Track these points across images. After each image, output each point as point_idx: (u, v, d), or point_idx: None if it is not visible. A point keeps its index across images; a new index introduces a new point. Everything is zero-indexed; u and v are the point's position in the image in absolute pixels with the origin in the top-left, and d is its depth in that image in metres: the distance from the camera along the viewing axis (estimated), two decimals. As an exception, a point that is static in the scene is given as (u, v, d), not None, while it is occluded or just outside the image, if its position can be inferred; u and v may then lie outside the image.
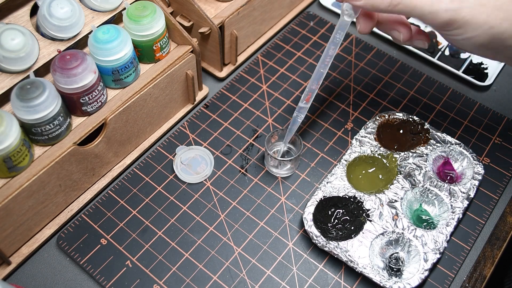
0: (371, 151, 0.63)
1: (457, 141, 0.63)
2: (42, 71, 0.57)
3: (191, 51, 0.64)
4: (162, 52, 0.62)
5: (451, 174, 0.62)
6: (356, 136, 0.65)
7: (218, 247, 0.58)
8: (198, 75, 0.67)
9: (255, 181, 0.63)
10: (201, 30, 0.67)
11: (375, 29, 0.78)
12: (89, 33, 0.58)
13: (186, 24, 0.67)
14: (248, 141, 0.67)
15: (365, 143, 0.64)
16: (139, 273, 0.56)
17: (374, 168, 0.62)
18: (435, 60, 0.75)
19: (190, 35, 0.66)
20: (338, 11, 0.81)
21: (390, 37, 0.77)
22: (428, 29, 0.79)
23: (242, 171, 0.64)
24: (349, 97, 0.71)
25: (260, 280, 0.56)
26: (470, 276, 0.57)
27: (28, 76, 0.54)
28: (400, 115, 0.66)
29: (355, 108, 0.70)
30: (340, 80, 0.73)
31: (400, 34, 0.54)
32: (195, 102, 0.70)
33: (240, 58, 0.74)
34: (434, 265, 0.56)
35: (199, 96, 0.70)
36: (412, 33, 0.55)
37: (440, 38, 0.78)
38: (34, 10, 0.56)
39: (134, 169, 0.64)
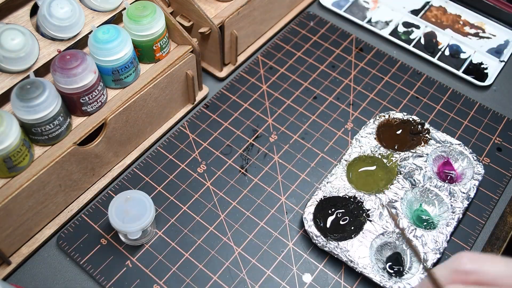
0: (371, 151, 0.63)
1: (457, 141, 0.63)
2: (42, 71, 0.57)
3: (191, 51, 0.64)
4: (162, 52, 0.62)
5: (451, 174, 0.62)
6: (356, 136, 0.65)
7: (218, 247, 0.58)
8: (198, 75, 0.67)
9: (255, 181, 0.63)
10: (201, 30, 0.67)
11: (372, 28, 0.78)
12: (89, 33, 0.58)
13: (186, 24, 0.67)
14: (248, 141, 0.67)
15: (365, 143, 0.64)
16: (139, 273, 0.56)
17: (374, 168, 0.62)
18: (435, 60, 0.75)
19: (190, 35, 0.66)
20: (338, 11, 0.81)
21: (391, 37, 0.77)
22: (428, 29, 0.79)
23: (242, 171, 0.64)
24: (349, 97, 0.71)
25: (260, 280, 0.56)
26: (470, 276, 0.57)
27: (28, 76, 0.54)
28: (400, 115, 0.66)
29: (355, 108, 0.70)
30: (340, 80, 0.73)
31: None
32: (195, 102, 0.70)
33: (240, 58, 0.74)
34: (434, 265, 0.56)
35: (199, 96, 0.70)
36: None
37: (440, 38, 0.78)
38: (34, 10, 0.56)
39: (134, 169, 0.64)
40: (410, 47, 0.76)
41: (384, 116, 0.66)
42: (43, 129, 0.53)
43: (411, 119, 0.66)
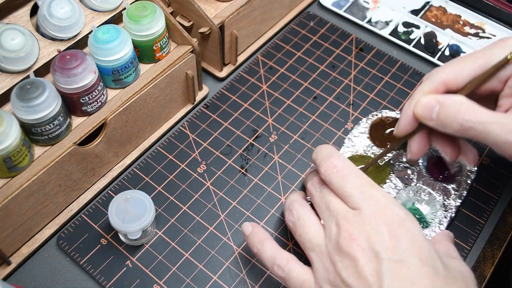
0: (364, 150, 0.63)
1: None
2: (42, 71, 0.57)
3: (191, 51, 0.64)
4: (162, 52, 0.62)
5: (444, 173, 0.62)
6: (348, 136, 0.65)
7: (218, 247, 0.58)
8: (198, 75, 0.67)
9: (255, 181, 0.63)
10: (201, 30, 0.67)
11: (372, 28, 0.78)
12: (89, 33, 0.58)
13: (186, 24, 0.67)
14: (248, 141, 0.67)
15: (357, 142, 0.64)
16: (139, 273, 0.56)
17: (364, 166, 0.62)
18: (435, 60, 0.75)
19: (190, 35, 0.66)
20: (338, 11, 0.81)
21: (391, 37, 0.77)
22: (428, 29, 0.79)
23: (242, 171, 0.64)
24: (349, 97, 0.71)
25: (260, 280, 0.56)
26: (470, 276, 0.57)
27: (28, 76, 0.54)
28: (393, 113, 0.66)
29: (355, 108, 0.70)
30: (340, 80, 0.73)
31: (446, 155, 0.52)
32: (195, 102, 0.70)
33: (240, 58, 0.74)
34: None
35: (199, 96, 0.70)
36: (459, 151, 0.52)
37: (440, 38, 0.78)
38: (34, 10, 0.56)
39: (134, 169, 0.64)
40: (410, 47, 0.76)
41: (377, 115, 0.66)
42: (43, 129, 0.53)
43: None
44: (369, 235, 0.43)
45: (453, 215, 0.58)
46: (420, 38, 0.78)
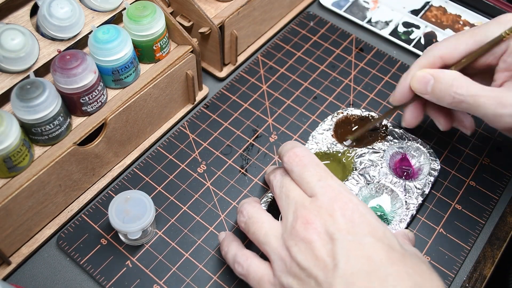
0: (328, 147, 0.63)
1: (414, 137, 0.64)
2: (42, 71, 0.57)
3: (191, 51, 0.64)
4: (162, 52, 0.62)
5: (407, 170, 0.62)
6: (312, 133, 0.65)
7: (218, 247, 0.58)
8: (198, 75, 0.67)
9: (255, 181, 0.63)
10: (201, 30, 0.67)
11: (372, 28, 0.78)
12: (89, 33, 0.58)
13: (186, 24, 0.68)
14: (248, 141, 0.67)
15: (321, 139, 0.64)
16: (139, 273, 0.56)
17: (328, 163, 0.62)
18: (435, 60, 0.75)
19: (190, 35, 0.66)
20: (338, 11, 0.81)
21: (391, 37, 0.77)
22: (428, 29, 0.79)
23: (242, 171, 0.64)
24: (349, 97, 0.71)
25: (260, 280, 0.56)
26: (470, 276, 0.57)
27: (28, 76, 0.54)
28: (358, 111, 0.66)
29: (355, 108, 0.70)
30: (340, 80, 0.73)
31: (439, 124, 0.56)
32: (195, 102, 0.70)
33: (240, 58, 0.74)
34: None
35: (199, 96, 0.70)
36: (451, 121, 0.56)
37: (440, 38, 0.78)
38: (34, 10, 0.57)
39: (134, 169, 0.64)
40: (410, 47, 0.76)
41: (342, 112, 0.66)
42: (43, 129, 0.53)
43: (369, 115, 0.66)
44: (324, 219, 0.44)
45: (414, 212, 0.58)
46: (420, 38, 0.78)
